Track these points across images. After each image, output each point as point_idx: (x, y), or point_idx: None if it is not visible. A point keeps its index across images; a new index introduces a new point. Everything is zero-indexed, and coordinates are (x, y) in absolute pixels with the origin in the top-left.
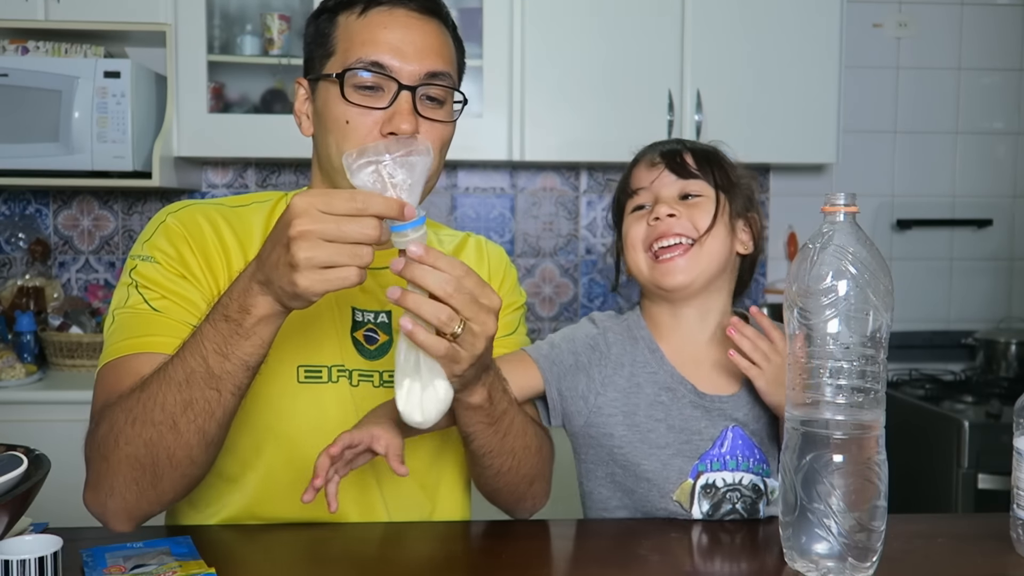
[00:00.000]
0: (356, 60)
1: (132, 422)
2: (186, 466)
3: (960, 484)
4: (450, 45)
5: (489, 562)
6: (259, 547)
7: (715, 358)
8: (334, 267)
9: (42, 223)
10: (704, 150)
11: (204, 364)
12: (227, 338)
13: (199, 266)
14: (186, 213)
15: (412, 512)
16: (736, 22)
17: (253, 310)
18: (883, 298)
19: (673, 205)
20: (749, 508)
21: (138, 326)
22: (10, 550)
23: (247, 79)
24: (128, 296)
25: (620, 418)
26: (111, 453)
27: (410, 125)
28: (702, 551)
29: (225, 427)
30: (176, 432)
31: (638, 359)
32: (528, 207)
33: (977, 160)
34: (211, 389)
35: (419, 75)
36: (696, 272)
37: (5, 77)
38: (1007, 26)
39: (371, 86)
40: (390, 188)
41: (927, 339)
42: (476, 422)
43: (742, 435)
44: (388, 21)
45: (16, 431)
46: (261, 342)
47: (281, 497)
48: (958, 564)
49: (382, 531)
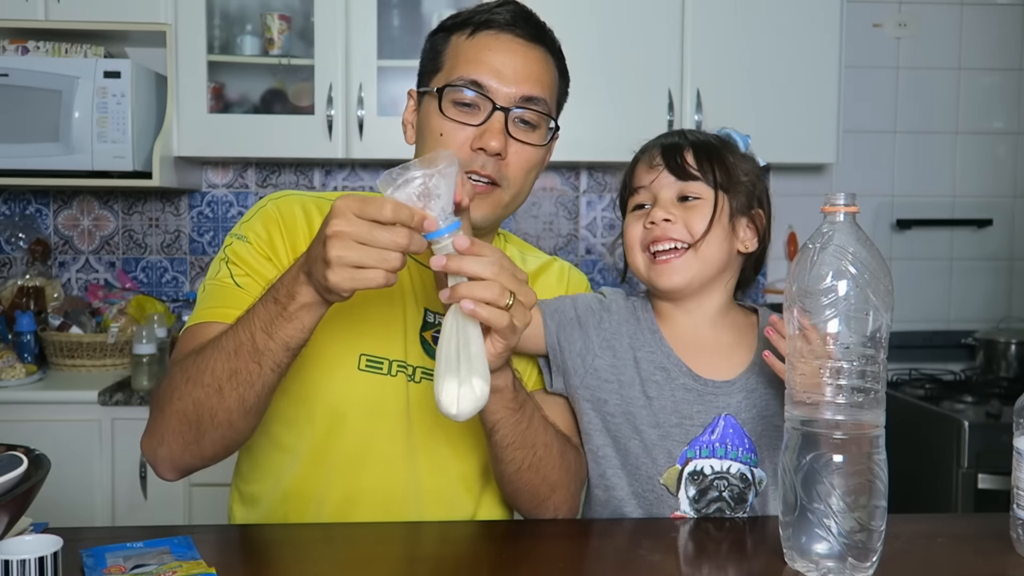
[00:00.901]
0: (457, 77)
1: (186, 381)
2: (225, 428)
3: (960, 484)
4: (552, 73)
5: (489, 562)
6: (259, 547)
7: (714, 345)
8: (363, 267)
9: (42, 223)
10: (707, 145)
11: (251, 339)
12: (273, 318)
13: (285, 251)
14: (285, 202)
15: (455, 512)
16: (736, 22)
17: (297, 297)
18: (883, 298)
19: (670, 208)
20: (736, 497)
21: (221, 297)
22: (10, 550)
23: (247, 79)
24: (219, 270)
25: (615, 386)
26: (167, 405)
27: (498, 143)
28: (702, 551)
29: (264, 399)
30: (220, 396)
31: (637, 336)
32: (528, 207)
33: (977, 160)
34: (254, 363)
35: (515, 98)
36: (691, 275)
37: (5, 77)
38: (1007, 26)
39: (468, 103)
40: (416, 200)
41: (927, 339)
42: (501, 407)
43: (734, 424)
44: (494, 44)
45: (16, 431)
46: (303, 327)
47: (329, 474)
48: (958, 564)
49: (382, 531)
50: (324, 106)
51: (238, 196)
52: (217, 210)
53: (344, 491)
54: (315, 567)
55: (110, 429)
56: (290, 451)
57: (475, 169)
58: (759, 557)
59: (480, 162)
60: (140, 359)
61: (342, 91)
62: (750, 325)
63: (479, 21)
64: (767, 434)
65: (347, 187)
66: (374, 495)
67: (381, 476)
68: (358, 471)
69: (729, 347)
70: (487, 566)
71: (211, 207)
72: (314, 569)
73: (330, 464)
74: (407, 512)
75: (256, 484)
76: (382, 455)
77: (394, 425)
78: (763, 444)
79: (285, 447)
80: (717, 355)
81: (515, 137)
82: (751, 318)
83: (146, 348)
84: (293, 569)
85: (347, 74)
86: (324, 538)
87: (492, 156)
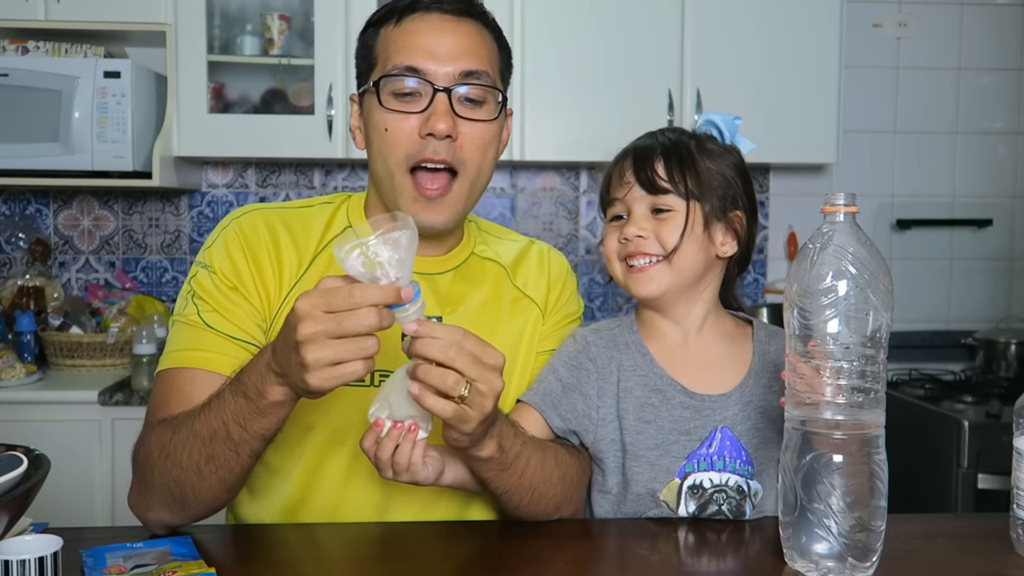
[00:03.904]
0: (392, 67)
1: (165, 458)
2: (210, 501)
3: (960, 484)
4: (488, 44)
5: (489, 562)
6: (259, 547)
7: (705, 356)
8: (342, 363)
9: (42, 223)
10: (679, 152)
11: (225, 429)
12: (245, 413)
13: (251, 276)
14: (247, 219)
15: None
16: (736, 22)
17: (268, 395)
18: (883, 298)
19: (642, 224)
20: (735, 509)
21: (191, 339)
22: (10, 550)
23: (247, 79)
24: (185, 305)
25: (616, 423)
26: (149, 476)
27: (445, 124)
28: (702, 551)
29: (244, 477)
30: (200, 477)
31: (625, 364)
32: (528, 207)
33: (977, 160)
34: (230, 451)
35: (454, 76)
36: (667, 283)
37: (5, 77)
38: (1007, 26)
39: (408, 92)
40: (378, 268)
41: (927, 339)
42: (489, 471)
43: (731, 436)
44: (422, 26)
45: (16, 431)
46: (277, 420)
47: (326, 489)
48: (958, 564)
49: (382, 531)
50: (324, 106)
51: (238, 196)
52: (217, 210)
53: (333, 502)
54: (315, 567)
55: (110, 429)
56: (281, 472)
57: (428, 156)
58: (759, 557)
59: (432, 148)
60: (140, 359)
61: (342, 91)
62: (743, 336)
63: (403, 7)
64: (763, 446)
65: (347, 187)
66: (363, 500)
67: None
68: (346, 484)
69: (720, 357)
70: (487, 566)
71: (211, 207)
72: (314, 569)
73: (325, 481)
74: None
75: (254, 505)
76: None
77: None
78: (759, 456)
79: (276, 469)
80: (709, 367)
81: (463, 116)
82: (744, 329)
83: (146, 348)
84: (293, 569)
85: (347, 74)
86: (324, 538)
87: (443, 140)
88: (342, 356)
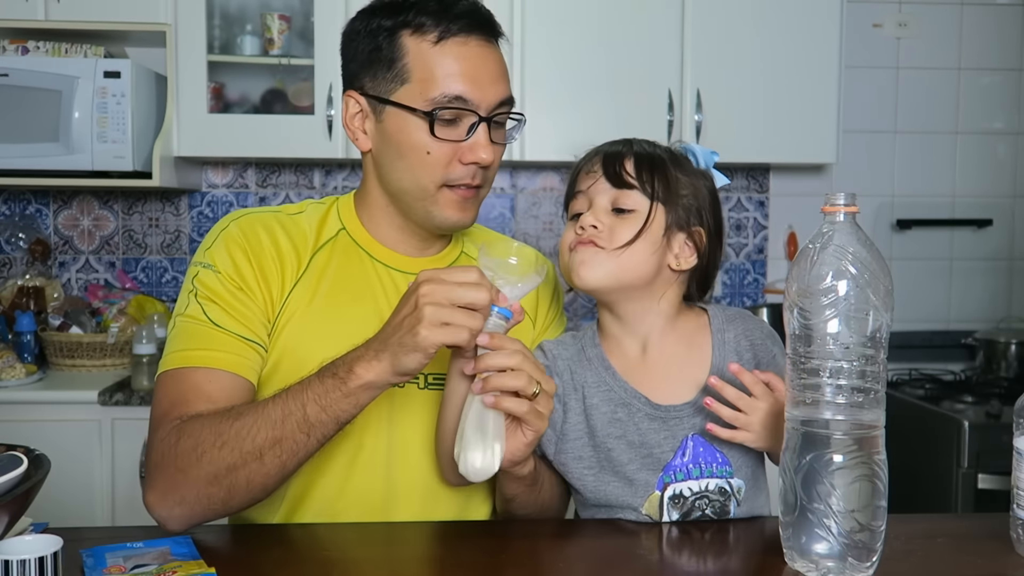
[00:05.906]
0: (441, 95)
1: (220, 447)
2: (258, 491)
3: (960, 484)
4: (506, 65)
5: (489, 562)
6: (259, 547)
7: (666, 364)
8: (451, 324)
9: (42, 223)
10: (650, 157)
11: (302, 410)
12: (330, 392)
13: (254, 276)
14: (246, 221)
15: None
16: (736, 22)
17: (359, 374)
18: (883, 298)
19: (600, 216)
20: (719, 511)
21: (198, 338)
22: (10, 550)
23: (247, 79)
24: (188, 304)
25: (585, 439)
26: (191, 468)
27: (487, 155)
28: (701, 551)
29: (299, 466)
30: (260, 463)
31: (590, 379)
32: (528, 207)
33: (977, 160)
34: (302, 433)
35: (493, 104)
36: (604, 272)
37: (5, 77)
38: (1007, 26)
39: (452, 119)
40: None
41: (927, 339)
42: (519, 488)
43: (702, 442)
44: (465, 52)
45: (16, 431)
46: (357, 404)
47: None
48: (958, 564)
49: (382, 531)
50: (324, 106)
51: (238, 196)
52: (217, 210)
53: (328, 494)
54: (315, 567)
55: (110, 429)
56: None
57: (468, 182)
58: (759, 557)
59: (471, 174)
60: (140, 359)
61: (342, 91)
62: (701, 331)
63: (436, 22)
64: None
65: (347, 187)
66: (358, 494)
67: (365, 476)
68: (346, 476)
69: (681, 362)
70: (486, 566)
71: (211, 207)
72: (314, 569)
73: (330, 476)
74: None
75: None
76: (367, 460)
77: (378, 427)
78: (735, 452)
79: None
80: (670, 375)
81: (494, 141)
82: (701, 320)
83: (146, 348)
84: (293, 569)
85: None
86: (324, 538)
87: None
88: (454, 319)
